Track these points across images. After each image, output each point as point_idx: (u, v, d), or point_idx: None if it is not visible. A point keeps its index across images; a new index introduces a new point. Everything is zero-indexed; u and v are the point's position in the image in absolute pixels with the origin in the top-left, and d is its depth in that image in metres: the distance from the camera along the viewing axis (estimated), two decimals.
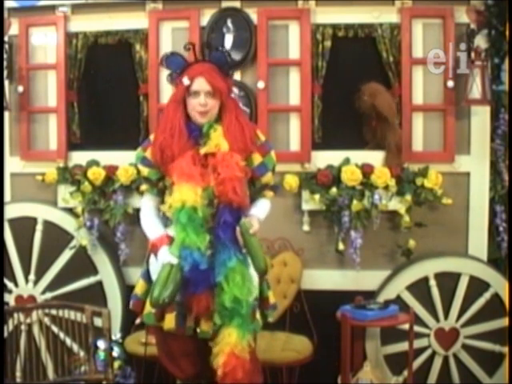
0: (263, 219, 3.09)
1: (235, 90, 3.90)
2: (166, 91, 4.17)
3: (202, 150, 2.96)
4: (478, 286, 3.97)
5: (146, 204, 3.13)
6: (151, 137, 3.10)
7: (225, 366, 2.91)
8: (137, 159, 3.10)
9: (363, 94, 4.03)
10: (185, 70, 3.00)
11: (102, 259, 4.21)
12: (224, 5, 4.14)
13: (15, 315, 3.91)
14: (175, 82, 3.04)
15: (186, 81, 2.96)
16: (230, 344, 2.91)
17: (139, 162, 3.08)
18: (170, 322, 2.94)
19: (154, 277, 3.00)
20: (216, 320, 2.93)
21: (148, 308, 3.00)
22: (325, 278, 4.15)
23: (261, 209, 3.11)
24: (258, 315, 3.04)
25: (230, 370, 2.91)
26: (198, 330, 2.97)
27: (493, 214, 4.17)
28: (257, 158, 3.05)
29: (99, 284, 4.21)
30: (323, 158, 4.09)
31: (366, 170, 4.02)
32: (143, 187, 3.12)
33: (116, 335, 3.95)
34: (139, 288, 3.11)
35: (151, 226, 3.08)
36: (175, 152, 2.93)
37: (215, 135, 2.97)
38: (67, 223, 4.21)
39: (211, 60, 3.01)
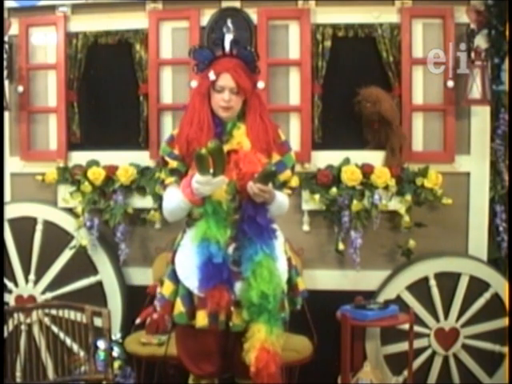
0: (280, 206, 3.08)
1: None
2: (166, 91, 4.18)
3: (225, 148, 2.95)
4: (477, 286, 3.97)
5: (171, 191, 3.02)
6: (174, 132, 3.10)
7: (257, 361, 2.92)
8: (163, 152, 3.07)
9: (365, 100, 4.01)
10: (212, 64, 3.00)
11: (102, 259, 4.21)
12: (224, 5, 4.13)
13: (15, 315, 3.90)
14: (201, 73, 3.03)
15: (212, 76, 2.96)
16: (261, 339, 2.92)
17: (166, 155, 3.04)
18: (202, 319, 2.93)
19: (180, 273, 2.98)
20: (244, 316, 2.94)
21: (179, 308, 2.98)
22: (325, 278, 4.14)
23: (280, 195, 3.07)
24: (285, 303, 3.05)
25: (263, 366, 2.92)
26: (231, 324, 2.96)
27: (493, 214, 4.16)
28: (275, 157, 3.06)
29: (99, 284, 4.20)
30: (323, 158, 4.09)
31: (366, 170, 4.02)
32: (169, 180, 3.03)
33: (116, 335, 3.95)
34: (166, 289, 3.06)
35: (175, 194, 2.99)
36: (203, 145, 2.91)
37: (238, 133, 2.99)
38: (67, 223, 4.20)
39: (239, 56, 3.00)
